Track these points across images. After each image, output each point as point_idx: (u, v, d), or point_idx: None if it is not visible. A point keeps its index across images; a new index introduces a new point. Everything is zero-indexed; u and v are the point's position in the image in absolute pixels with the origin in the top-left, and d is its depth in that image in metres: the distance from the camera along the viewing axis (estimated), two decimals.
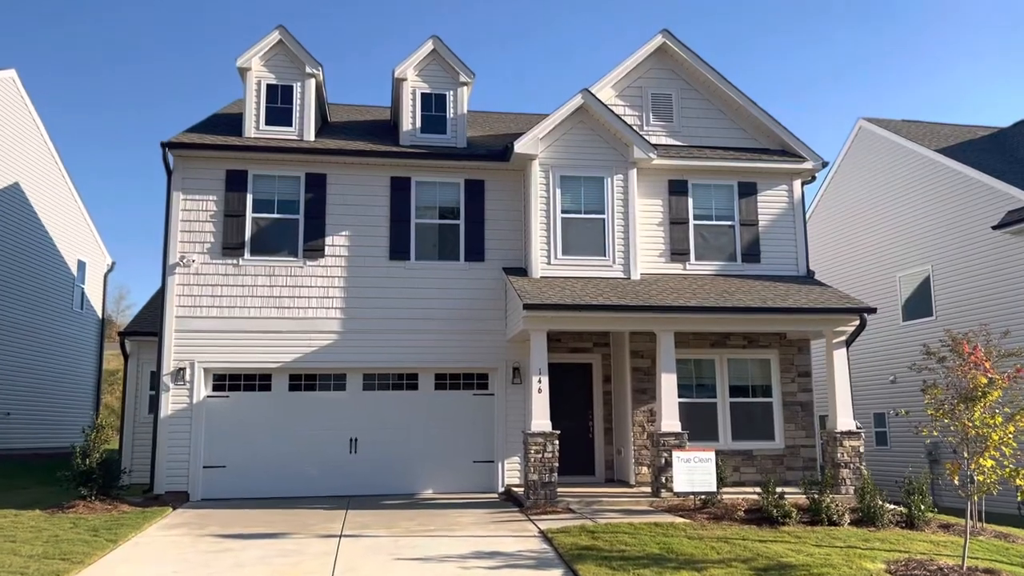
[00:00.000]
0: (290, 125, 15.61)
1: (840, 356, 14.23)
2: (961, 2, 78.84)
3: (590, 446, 15.89)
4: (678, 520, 11.54)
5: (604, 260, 15.08)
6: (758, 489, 12.61)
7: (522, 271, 15.10)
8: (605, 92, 15.94)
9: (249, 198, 15.02)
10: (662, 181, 15.92)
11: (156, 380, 14.57)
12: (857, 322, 14.10)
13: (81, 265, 24.76)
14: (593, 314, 13.47)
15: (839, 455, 13.83)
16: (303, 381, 15.02)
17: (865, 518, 11.87)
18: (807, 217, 16.99)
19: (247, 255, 14.88)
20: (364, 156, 15.39)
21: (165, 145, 14.65)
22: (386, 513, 12.68)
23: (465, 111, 16.32)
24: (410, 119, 16.05)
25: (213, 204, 14.94)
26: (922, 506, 12.03)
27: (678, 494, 12.60)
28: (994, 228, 18.76)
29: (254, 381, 14.87)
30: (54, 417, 22.82)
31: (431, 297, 15.18)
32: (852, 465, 13.81)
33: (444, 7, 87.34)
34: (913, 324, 21.48)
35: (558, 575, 8.80)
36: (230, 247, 14.84)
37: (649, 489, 13.88)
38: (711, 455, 12.57)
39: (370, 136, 16.65)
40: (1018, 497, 10.36)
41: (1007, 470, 9.48)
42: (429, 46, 16.17)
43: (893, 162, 22.71)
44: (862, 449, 13.96)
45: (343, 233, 15.20)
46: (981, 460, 9.50)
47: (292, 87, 15.76)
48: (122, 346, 17.15)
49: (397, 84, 16.35)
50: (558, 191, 15.10)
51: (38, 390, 22.21)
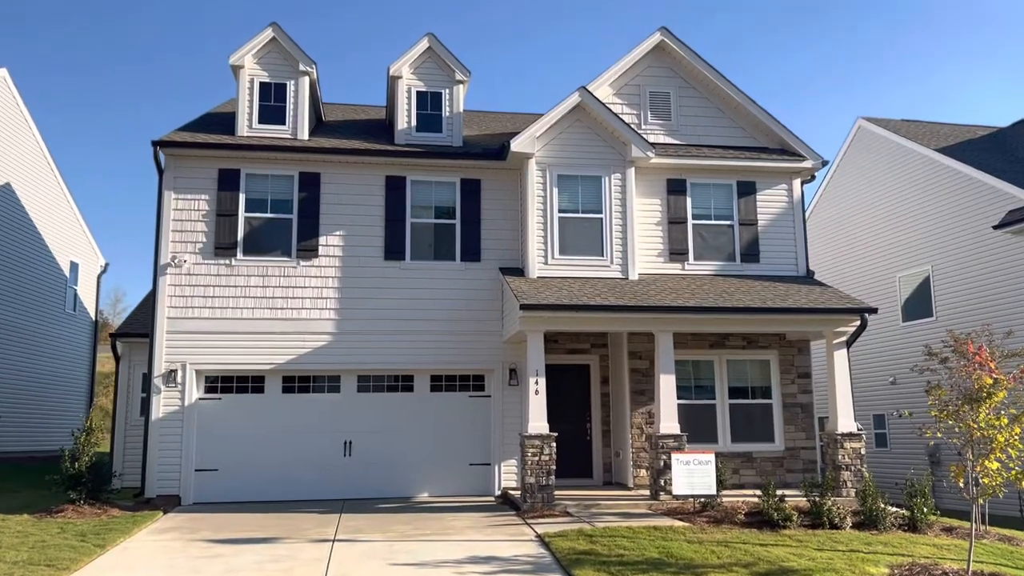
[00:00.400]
0: (283, 124, 15.41)
1: (841, 357, 14.06)
2: (951, 3, 78.93)
3: (588, 448, 15.70)
4: (677, 524, 11.36)
5: (602, 260, 14.90)
6: (758, 492, 12.44)
7: (519, 271, 14.91)
8: (603, 90, 15.76)
9: (242, 197, 14.81)
10: (660, 180, 15.74)
11: (147, 382, 14.35)
12: (858, 322, 13.93)
13: (74, 266, 24.53)
14: (591, 314, 13.28)
15: (840, 457, 13.65)
16: (297, 383, 14.81)
17: (867, 521, 11.72)
18: (806, 217, 16.81)
19: (240, 255, 14.68)
20: (358, 155, 15.19)
21: (156, 144, 14.45)
22: (381, 517, 12.48)
23: (461, 109, 16.14)
24: (405, 117, 15.86)
25: (205, 203, 14.73)
26: (924, 509, 11.87)
27: (677, 497, 12.43)
28: (995, 228, 18.62)
29: (247, 383, 14.66)
30: (47, 420, 22.58)
31: (427, 298, 14.98)
32: (853, 467, 13.63)
33: (443, 8, 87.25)
34: (913, 325, 21.33)
35: None
36: (222, 247, 14.63)
37: (648, 492, 13.69)
38: (711, 457, 12.40)
39: (365, 135, 16.47)
40: None
41: (1013, 472, 9.30)
42: (424, 43, 15.99)
43: (892, 162, 22.57)
44: (863, 451, 13.79)
45: (337, 233, 15.00)
46: (987, 462, 9.32)
47: (285, 85, 15.56)
48: (113, 348, 16.92)
49: (392, 82, 16.17)
50: (555, 190, 14.92)
51: (31, 393, 21.97)
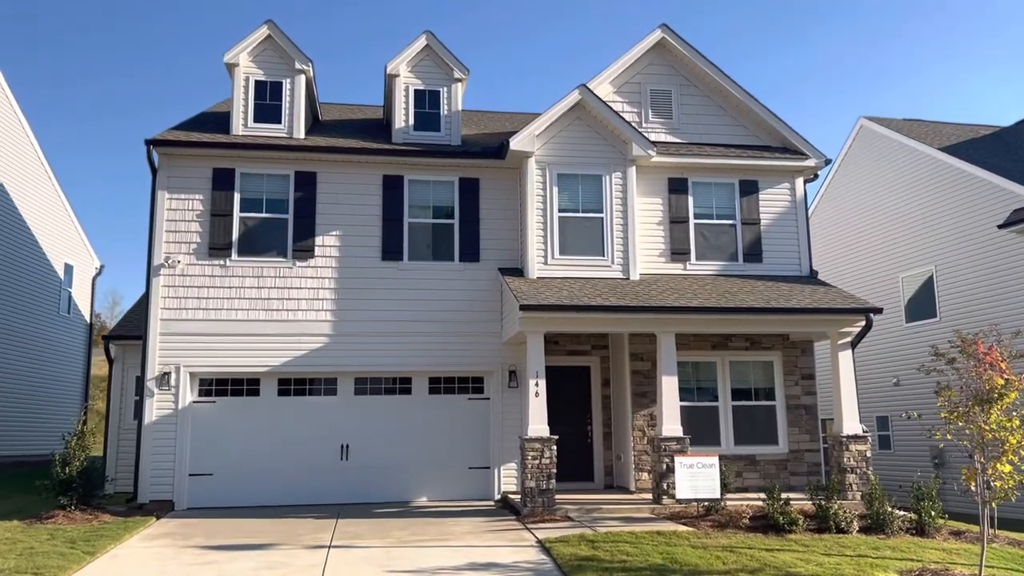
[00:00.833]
0: (279, 122, 15.19)
1: (845, 358, 13.83)
2: (951, 4, 78.88)
3: (589, 451, 15.47)
4: (681, 528, 11.14)
5: (603, 260, 14.68)
6: (762, 495, 12.25)
7: (518, 271, 14.69)
8: (603, 88, 15.55)
9: (237, 197, 14.58)
10: (662, 179, 15.52)
11: (141, 385, 14.11)
12: (863, 323, 13.71)
13: (68, 269, 24.27)
14: (591, 315, 13.06)
15: (845, 460, 13.42)
16: (292, 386, 14.56)
17: (874, 525, 11.51)
18: (809, 216, 16.60)
19: (234, 256, 14.44)
20: (355, 154, 14.97)
21: (149, 143, 14.22)
22: (378, 522, 12.25)
23: (459, 108, 15.92)
24: (403, 116, 15.64)
25: (199, 203, 14.50)
26: (932, 512, 11.67)
27: (680, 501, 12.19)
28: (1000, 227, 18.41)
29: (242, 386, 14.41)
30: (41, 424, 22.30)
31: (425, 299, 14.75)
32: (859, 470, 13.41)
33: (443, 8, 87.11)
34: (917, 325, 21.12)
35: None
36: (217, 248, 14.40)
37: (650, 496, 13.47)
38: (714, 460, 12.16)
39: (362, 134, 16.25)
40: None
41: None
42: (422, 41, 15.77)
43: (895, 161, 22.38)
44: (869, 453, 13.57)
45: (334, 233, 14.77)
46: (998, 465, 9.12)
47: (281, 83, 15.34)
48: (106, 350, 16.68)
49: (390, 80, 15.95)
50: (555, 189, 14.70)
51: (24, 396, 21.70)
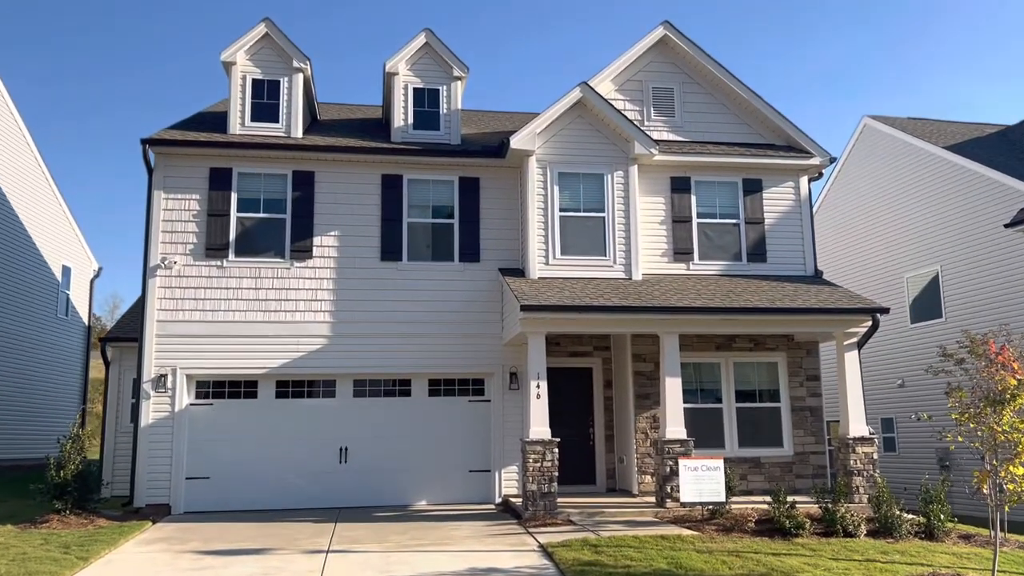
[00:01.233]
0: (277, 121, 15.02)
1: (851, 359, 13.62)
2: (953, 4, 78.71)
3: (591, 454, 15.26)
4: (685, 532, 10.95)
5: (604, 260, 14.48)
6: (767, 498, 12.08)
7: (519, 272, 14.50)
8: (604, 86, 15.36)
9: (234, 197, 14.40)
10: (664, 178, 15.33)
11: (137, 388, 13.91)
12: (869, 323, 13.51)
13: (66, 271, 24.09)
14: (593, 315, 12.86)
15: (852, 462, 13.22)
16: (291, 388, 14.36)
17: (882, 529, 11.33)
18: (813, 215, 16.39)
19: (232, 256, 14.26)
20: (354, 153, 14.79)
21: (145, 142, 14.04)
22: (377, 526, 12.05)
23: (459, 106, 15.73)
24: (402, 115, 15.46)
25: (196, 203, 14.32)
26: (941, 516, 11.48)
27: (685, 504, 11.99)
28: (1006, 226, 18.21)
29: (239, 388, 14.22)
30: (38, 427, 22.10)
31: (424, 299, 14.56)
32: (866, 473, 13.20)
33: (445, 8, 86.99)
34: (922, 326, 20.91)
35: None
36: (214, 248, 14.21)
37: (653, 499, 13.28)
38: (719, 463, 11.97)
39: (361, 133, 16.07)
40: None
41: None
42: (421, 39, 15.59)
43: (899, 160, 22.18)
44: (876, 456, 13.36)
45: (332, 233, 14.58)
46: (1011, 467, 8.92)
47: (279, 82, 15.16)
48: (103, 352, 16.48)
49: (388, 79, 15.77)
50: (556, 188, 14.51)
51: (21, 399, 21.50)
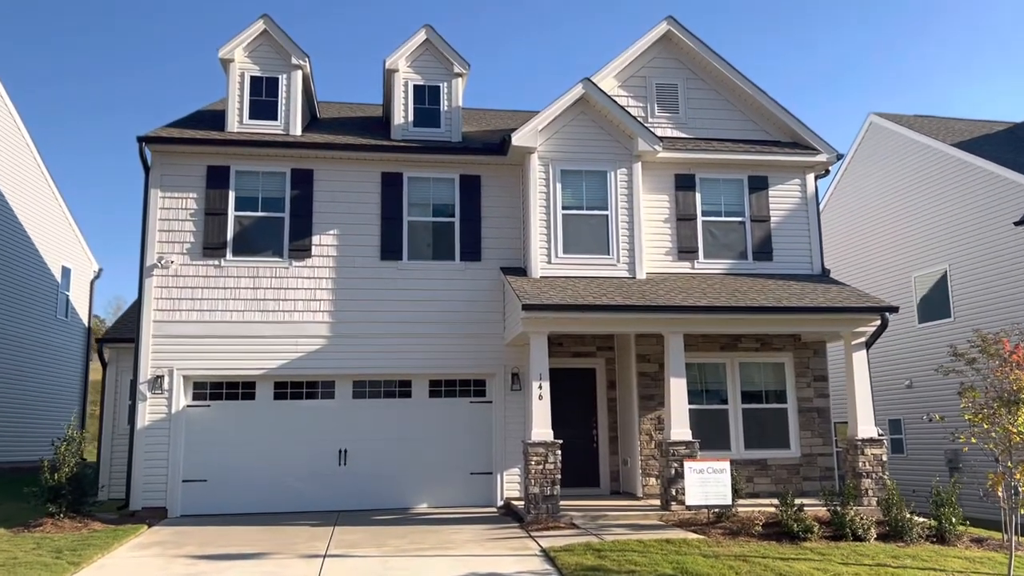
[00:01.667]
0: (275, 119, 14.82)
1: (860, 359, 13.36)
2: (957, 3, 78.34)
3: (594, 456, 15.02)
4: (691, 536, 10.71)
5: (608, 259, 14.25)
6: (774, 501, 11.82)
7: (521, 271, 14.27)
8: (607, 82, 15.13)
9: (231, 195, 14.20)
10: (668, 175, 15.09)
11: (134, 389, 13.70)
12: (878, 322, 13.24)
13: (66, 272, 23.91)
14: (596, 315, 12.63)
15: (860, 464, 12.96)
16: (289, 389, 14.14)
17: (892, 532, 11.09)
18: (820, 213, 16.12)
19: (229, 255, 14.05)
20: (353, 150, 14.58)
21: (142, 139, 13.86)
22: (376, 530, 11.82)
23: (460, 104, 15.51)
24: (402, 112, 15.24)
25: (193, 202, 14.12)
26: (953, 519, 11.22)
27: (690, 507, 11.75)
28: (1016, 224, 17.94)
29: (237, 389, 14.01)
30: (37, 429, 21.90)
31: (425, 299, 14.34)
32: (875, 475, 12.94)
33: (448, 8, 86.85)
34: (930, 326, 20.63)
35: None
36: (211, 247, 14.01)
37: (658, 502, 13.03)
38: (725, 465, 11.72)
39: (361, 131, 15.86)
40: None
41: None
42: (422, 35, 15.38)
43: (906, 158, 21.91)
44: (885, 458, 13.10)
45: (331, 232, 14.37)
46: None
47: (277, 79, 14.96)
48: (100, 353, 16.30)
49: (388, 76, 15.56)
50: (558, 186, 14.28)
51: (20, 401, 21.32)
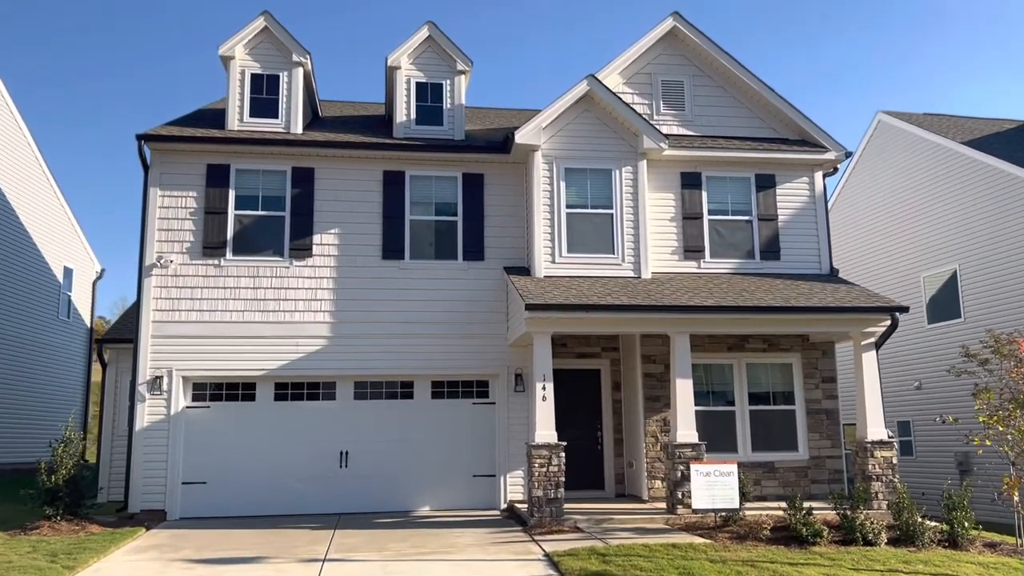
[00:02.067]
0: (276, 117, 14.65)
1: (869, 359, 13.13)
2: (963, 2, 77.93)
3: (599, 458, 14.81)
4: (697, 540, 10.48)
5: (613, 258, 14.05)
6: (782, 504, 11.61)
7: (524, 270, 14.08)
8: (612, 79, 14.93)
9: (231, 194, 14.04)
10: (674, 173, 14.88)
11: (133, 390, 13.54)
12: (888, 322, 13.00)
13: (68, 272, 23.80)
14: (601, 315, 12.42)
15: (870, 467, 12.72)
16: (290, 390, 13.97)
17: (903, 537, 10.84)
18: (828, 211, 15.88)
19: (229, 255, 13.89)
20: (355, 148, 14.41)
21: (141, 137, 13.70)
22: (377, 533, 11.63)
23: (463, 101, 15.32)
24: (404, 110, 15.07)
25: (193, 201, 13.96)
26: (965, 523, 10.98)
27: (697, 511, 11.52)
28: None
29: (237, 390, 13.84)
30: (38, 431, 21.77)
31: (427, 299, 14.15)
32: (885, 478, 12.70)
33: (452, 8, 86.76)
34: (939, 326, 20.37)
35: None
36: (211, 246, 13.85)
37: (664, 505, 12.81)
38: (733, 468, 11.49)
39: (363, 129, 15.70)
40: None
41: None
42: (424, 32, 15.20)
43: (915, 156, 21.65)
44: (895, 460, 12.85)
45: (332, 231, 14.20)
46: None
47: (278, 76, 14.80)
48: (100, 354, 16.17)
49: (390, 73, 15.38)
50: (562, 184, 14.08)
51: (21, 402, 21.20)
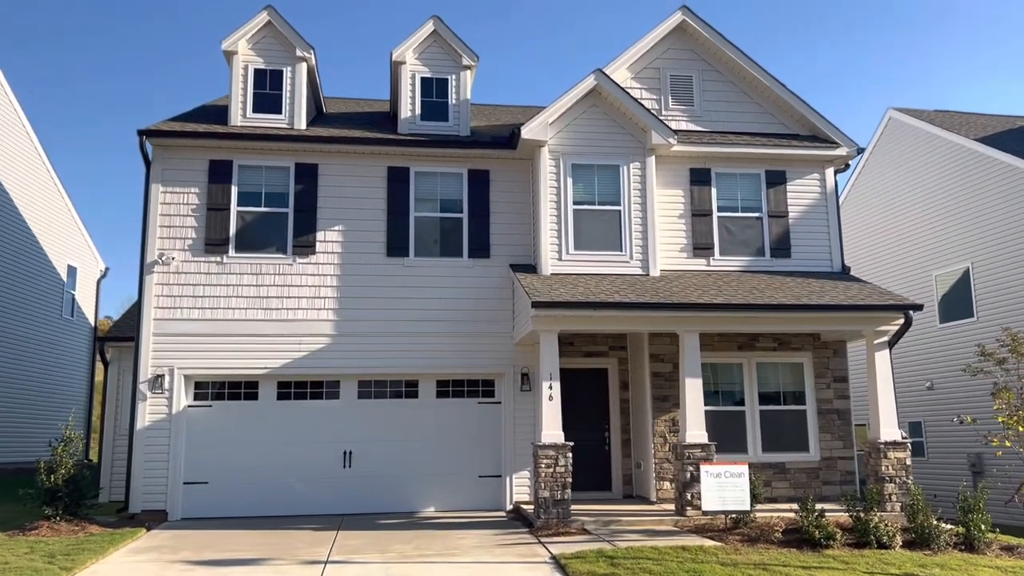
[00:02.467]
0: (279, 112, 14.47)
1: (882, 359, 12.87)
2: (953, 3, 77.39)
3: (606, 459, 14.58)
4: (707, 543, 10.25)
5: (620, 255, 13.83)
6: (793, 506, 11.38)
7: (531, 268, 13.87)
8: (620, 74, 14.71)
9: (234, 190, 13.86)
10: (683, 169, 14.65)
11: (134, 388, 13.37)
12: (901, 321, 12.75)
13: (72, 270, 23.68)
14: (609, 313, 12.20)
15: (883, 468, 12.46)
16: (293, 389, 13.78)
17: (918, 539, 10.60)
18: (840, 208, 15.62)
19: (232, 252, 13.72)
20: (358, 144, 14.22)
21: (142, 133, 13.54)
22: (381, 534, 11.43)
23: (468, 97, 15.12)
24: (409, 106, 14.88)
25: (195, 197, 13.80)
26: (982, 526, 10.72)
27: (707, 513, 11.28)
28: None
29: (239, 389, 13.67)
30: (42, 430, 21.61)
31: (432, 297, 13.96)
32: (898, 479, 12.44)
33: (458, 7, 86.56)
34: (951, 326, 20.08)
35: None
36: (213, 243, 13.68)
37: (672, 506, 12.58)
38: (744, 469, 11.25)
39: (367, 126, 15.50)
40: None
41: None
42: (429, 27, 15.01)
43: (927, 154, 21.37)
44: (909, 461, 12.59)
45: (336, 228, 14.01)
46: None
47: (282, 72, 14.62)
48: (101, 353, 16.00)
49: (395, 68, 15.19)
50: (569, 180, 13.87)
51: (24, 401, 21.09)
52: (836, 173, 15.24)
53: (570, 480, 11.63)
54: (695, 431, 12.22)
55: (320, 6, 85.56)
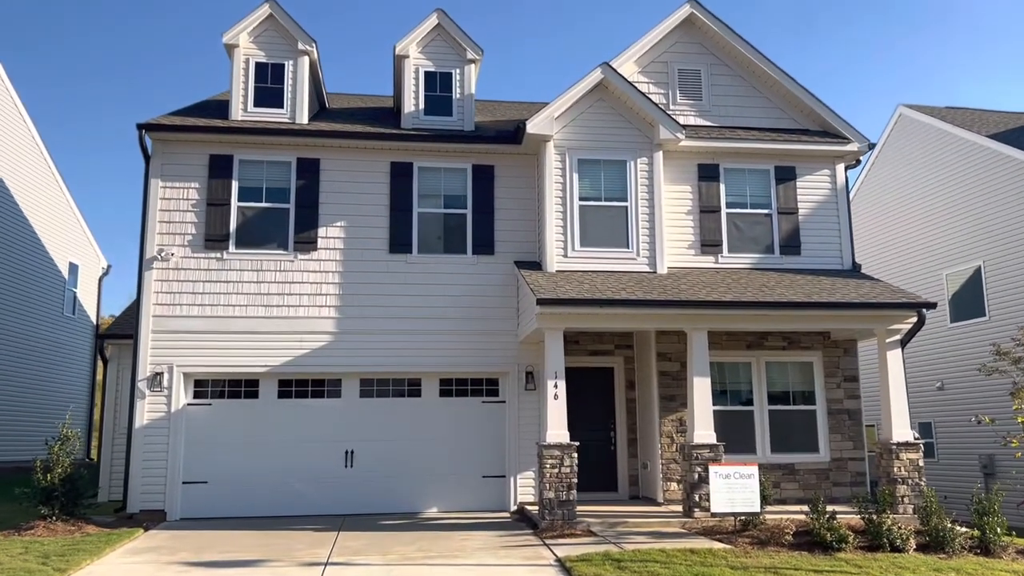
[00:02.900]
0: (281, 107, 14.27)
1: (894, 358, 12.62)
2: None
3: (612, 459, 14.35)
4: (716, 545, 10.01)
5: (627, 252, 13.59)
6: (803, 507, 11.14)
7: (536, 264, 13.64)
8: (627, 67, 14.48)
9: (235, 185, 13.66)
10: (691, 165, 14.41)
11: (132, 387, 13.17)
12: (914, 319, 12.50)
13: (73, 268, 23.53)
14: (615, 310, 11.96)
15: (895, 469, 12.22)
16: (294, 387, 13.57)
17: (932, 543, 10.32)
18: (850, 205, 15.35)
19: (232, 248, 13.51)
20: (361, 139, 14.02)
21: (142, 127, 13.34)
22: (382, 535, 11.21)
23: (473, 91, 14.90)
24: (412, 100, 14.65)
25: (195, 192, 13.60)
26: (998, 529, 10.45)
27: (715, 514, 11.04)
28: None
29: (239, 387, 13.46)
30: (43, 429, 21.45)
31: (435, 294, 13.74)
32: (911, 481, 12.19)
33: (464, 7, 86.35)
34: (962, 325, 19.79)
35: None
36: (213, 239, 13.48)
37: (680, 508, 12.35)
38: (753, 470, 11.00)
39: (370, 120, 15.29)
40: None
41: None
42: (433, 20, 14.79)
43: (937, 151, 21.07)
44: (921, 463, 12.34)
45: (338, 224, 13.80)
46: None
47: (283, 65, 14.42)
48: (101, 350, 15.83)
49: (398, 62, 14.97)
50: (575, 176, 13.64)
51: (25, 400, 20.94)
52: (847, 169, 14.98)
53: (575, 480, 11.40)
54: (703, 431, 11.98)
55: (323, 1, 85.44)
